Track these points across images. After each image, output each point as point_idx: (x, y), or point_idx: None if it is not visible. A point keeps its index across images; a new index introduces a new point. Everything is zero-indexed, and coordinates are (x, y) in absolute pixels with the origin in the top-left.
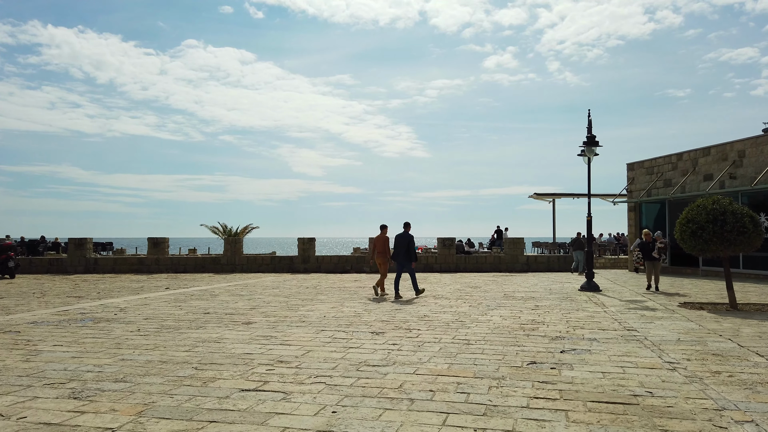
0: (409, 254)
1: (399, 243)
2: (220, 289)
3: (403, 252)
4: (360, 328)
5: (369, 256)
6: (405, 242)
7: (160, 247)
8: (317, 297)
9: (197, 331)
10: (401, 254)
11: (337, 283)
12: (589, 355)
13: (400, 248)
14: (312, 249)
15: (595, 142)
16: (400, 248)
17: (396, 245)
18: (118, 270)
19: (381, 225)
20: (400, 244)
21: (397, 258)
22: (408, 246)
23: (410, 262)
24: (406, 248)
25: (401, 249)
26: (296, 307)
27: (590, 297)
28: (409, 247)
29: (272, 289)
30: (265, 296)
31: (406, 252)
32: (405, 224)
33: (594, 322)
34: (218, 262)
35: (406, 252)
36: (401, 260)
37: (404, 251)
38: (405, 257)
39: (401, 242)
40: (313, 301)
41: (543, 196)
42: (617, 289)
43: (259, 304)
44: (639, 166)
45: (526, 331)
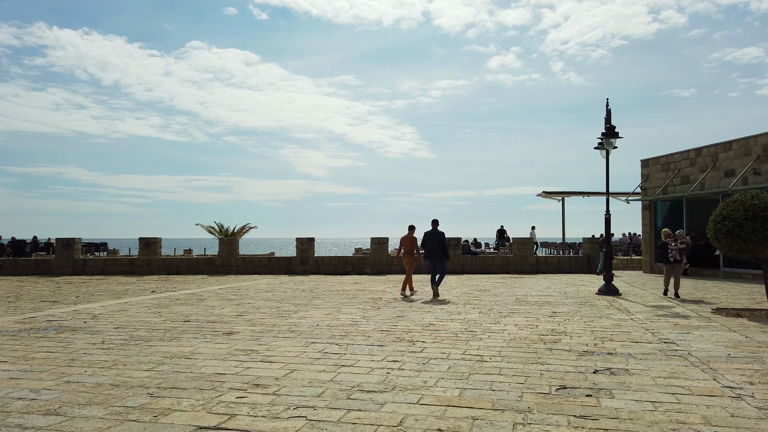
0: (443, 252)
1: (431, 241)
2: (210, 292)
3: (437, 250)
4: (356, 340)
5: (395, 255)
6: (438, 240)
7: (151, 247)
8: (312, 302)
9: (169, 344)
10: (434, 252)
11: (336, 286)
12: (629, 377)
13: (433, 246)
14: (311, 249)
15: (615, 133)
16: (433, 246)
17: (427, 244)
18: (107, 272)
19: (409, 225)
20: (432, 243)
21: (430, 257)
22: (442, 244)
23: (444, 261)
24: (439, 246)
25: (434, 247)
26: (288, 313)
27: (610, 302)
28: (443, 245)
29: (265, 293)
30: (255, 301)
31: (440, 250)
32: (433, 221)
33: (623, 333)
34: (213, 264)
35: (440, 250)
36: (435, 259)
37: (438, 249)
38: (439, 255)
39: (433, 240)
40: (308, 307)
41: (552, 195)
42: (638, 293)
43: (247, 310)
44: (654, 162)
45: (547, 343)
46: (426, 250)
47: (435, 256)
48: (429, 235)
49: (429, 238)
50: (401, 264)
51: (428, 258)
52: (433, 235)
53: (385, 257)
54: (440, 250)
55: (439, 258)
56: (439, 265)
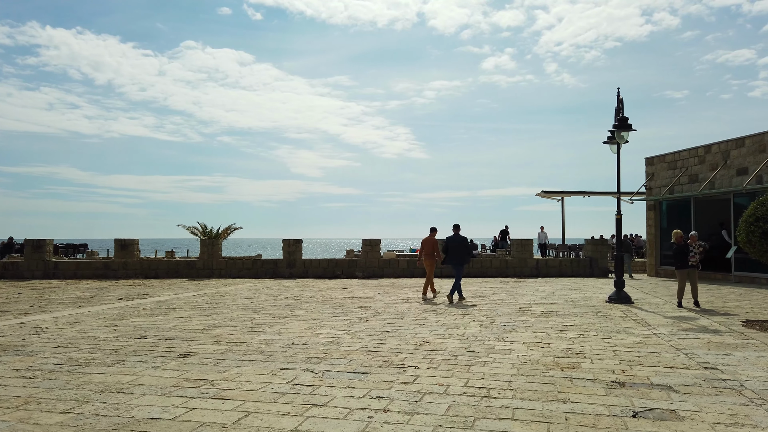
0: (465, 256)
1: (452, 245)
2: (182, 300)
3: (459, 255)
4: (335, 365)
5: (417, 257)
6: (461, 244)
7: (128, 249)
8: (293, 312)
9: (108, 371)
10: (456, 257)
11: (323, 292)
12: (680, 424)
13: (455, 251)
14: (298, 252)
15: (628, 125)
16: (455, 251)
17: (450, 249)
18: (80, 275)
19: (431, 227)
20: (454, 247)
21: (452, 261)
22: (465, 248)
23: (462, 266)
24: (463, 251)
25: (456, 252)
26: (262, 327)
27: (625, 311)
28: (467, 250)
29: (243, 301)
30: (230, 311)
31: (463, 255)
32: (455, 226)
33: (651, 354)
34: (193, 267)
35: (464, 255)
36: (456, 263)
37: (460, 253)
38: (461, 259)
39: (455, 244)
40: (286, 318)
41: (551, 194)
42: (652, 301)
43: (216, 323)
44: (660, 160)
45: (564, 369)
46: (449, 255)
47: (458, 260)
48: (450, 240)
49: (452, 243)
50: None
51: (450, 263)
52: (456, 240)
53: (377, 260)
54: (464, 255)
55: (459, 263)
56: (459, 270)
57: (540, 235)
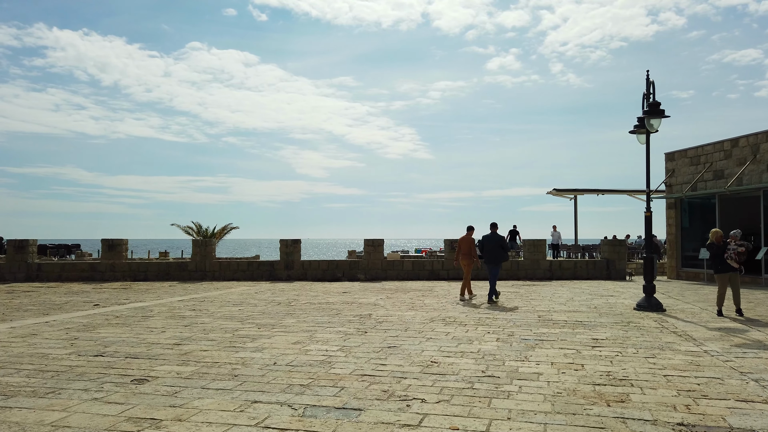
0: (501, 256)
1: (489, 245)
2: (164, 306)
3: (495, 254)
4: (322, 396)
5: (454, 257)
6: (497, 244)
7: (116, 250)
8: (283, 321)
9: (36, 403)
10: (493, 256)
11: (320, 296)
12: None
13: (492, 250)
14: (296, 253)
15: (660, 111)
16: (492, 250)
17: (486, 248)
18: (65, 278)
19: (468, 226)
20: (490, 246)
21: (488, 260)
22: (501, 248)
23: (498, 266)
24: (500, 250)
25: (493, 251)
26: (243, 341)
27: (659, 322)
28: (502, 248)
29: (231, 307)
30: (213, 320)
31: (500, 255)
32: (492, 225)
33: (713, 381)
34: (185, 269)
35: (500, 255)
36: (493, 263)
37: (496, 253)
38: (497, 259)
39: (492, 244)
40: (274, 329)
41: (563, 192)
42: (685, 308)
43: (192, 335)
44: (681, 155)
45: (611, 404)
46: (485, 254)
47: (494, 260)
48: (486, 239)
49: (486, 241)
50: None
51: (487, 262)
52: (492, 238)
53: (380, 261)
54: (500, 254)
55: (496, 263)
56: (494, 270)
57: (553, 235)
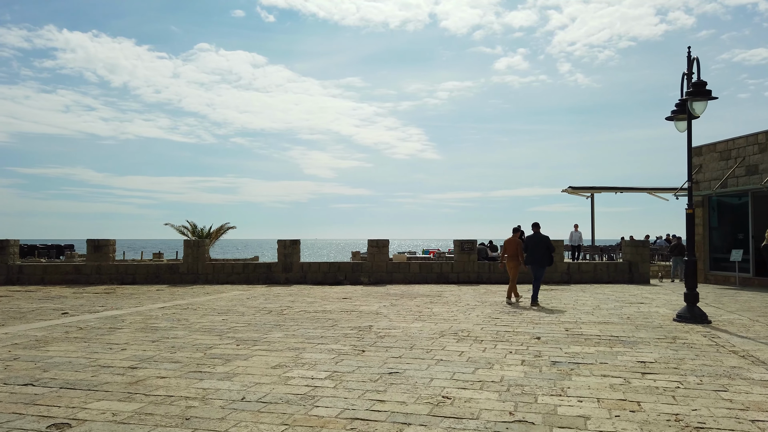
0: (546, 257)
1: (534, 246)
2: (140, 315)
3: (540, 255)
4: None
5: (499, 260)
6: (542, 244)
7: (102, 251)
8: (268, 335)
9: None
10: (537, 258)
11: (317, 303)
12: None
13: (536, 251)
14: (296, 254)
15: (706, 91)
16: (536, 251)
17: (530, 249)
18: (48, 281)
19: (513, 227)
20: (535, 247)
21: (532, 262)
22: (546, 248)
23: (544, 267)
24: (544, 251)
25: (537, 252)
26: (214, 363)
27: (709, 336)
28: (548, 249)
29: (215, 316)
30: (189, 332)
31: (544, 255)
32: (534, 225)
33: None
34: (176, 271)
35: (545, 256)
36: (537, 264)
37: (541, 254)
38: (541, 261)
39: (536, 245)
40: (256, 347)
41: (579, 190)
42: (731, 319)
43: (156, 355)
44: (709, 149)
45: None
46: (528, 255)
47: (538, 262)
48: (530, 240)
49: (533, 242)
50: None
51: (530, 264)
52: (536, 239)
53: (385, 263)
54: (545, 255)
55: (541, 264)
56: (539, 271)
57: (573, 235)
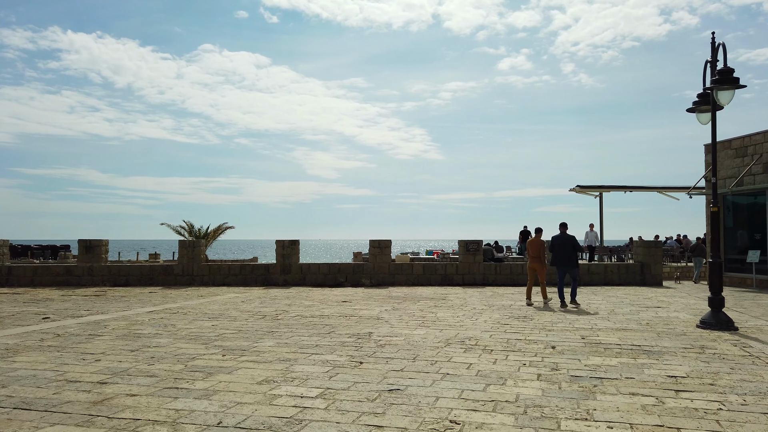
0: (574, 258)
1: (559, 246)
2: (125, 321)
3: (567, 255)
4: None
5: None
6: (569, 244)
7: (94, 252)
8: (259, 343)
9: None
10: (564, 258)
11: (315, 307)
12: None
13: (562, 251)
14: (294, 255)
15: (733, 79)
16: (562, 251)
17: (556, 249)
18: (37, 282)
19: (536, 228)
20: (561, 247)
21: (559, 263)
22: (573, 248)
23: (575, 267)
24: (571, 251)
25: (563, 252)
26: (193, 378)
27: (740, 345)
28: (575, 250)
29: (205, 321)
30: (173, 340)
31: (570, 255)
32: (562, 225)
33: None
34: (171, 273)
35: (571, 255)
36: (565, 266)
37: (568, 254)
38: (568, 261)
39: (562, 245)
40: (243, 357)
41: (588, 189)
42: (760, 325)
43: (132, 367)
44: (724, 146)
45: None
46: (555, 255)
47: (565, 262)
48: (556, 240)
49: (556, 242)
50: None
51: (557, 264)
52: (562, 239)
53: (387, 264)
54: (572, 255)
55: (569, 264)
56: (570, 272)
57: (588, 234)
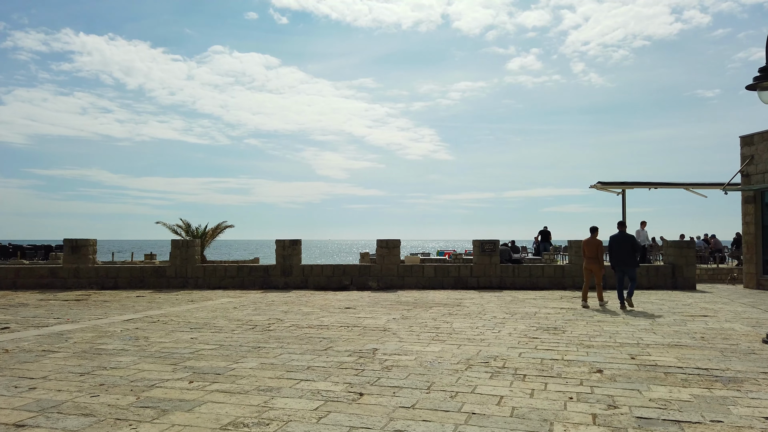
0: (633, 258)
1: (617, 246)
2: (93, 332)
3: (626, 255)
4: None
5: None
6: (627, 244)
7: (80, 252)
8: (238, 364)
9: None
10: (622, 258)
11: (314, 315)
12: None
13: (621, 252)
14: (296, 256)
15: None
16: (621, 252)
17: (614, 249)
18: (20, 285)
19: (591, 227)
20: (619, 247)
21: (617, 263)
22: (632, 248)
23: (634, 268)
24: (629, 251)
25: (622, 252)
26: (139, 419)
27: None
28: (633, 250)
29: (184, 333)
30: (139, 357)
31: (629, 255)
32: (619, 224)
33: None
34: (163, 275)
35: (630, 255)
36: (622, 265)
37: (626, 255)
38: (628, 262)
39: (621, 245)
40: (216, 383)
41: (609, 186)
42: None
43: (64, 401)
44: (762, 138)
45: None
46: (613, 256)
47: (624, 262)
48: (617, 240)
49: (617, 242)
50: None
51: (615, 265)
52: (622, 239)
53: (395, 266)
54: (631, 255)
55: (628, 264)
56: (629, 272)
57: (639, 234)
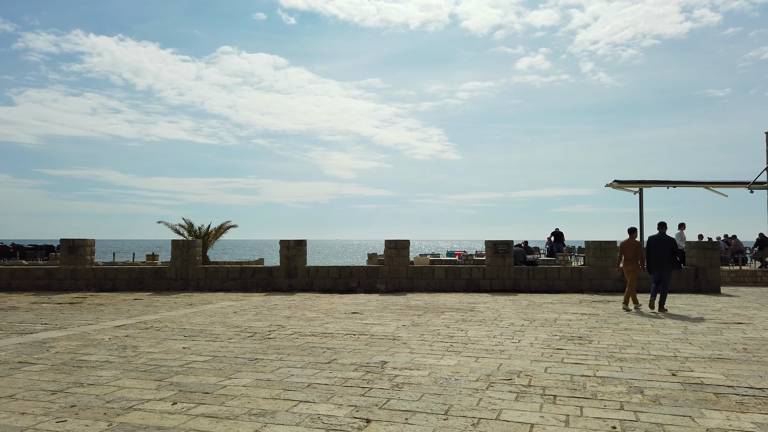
0: (673, 260)
1: (657, 247)
2: (79, 340)
3: (665, 258)
4: None
5: (616, 263)
6: (667, 246)
7: (77, 253)
8: (229, 381)
9: None
10: (662, 260)
11: (317, 321)
12: None
13: (661, 253)
14: (301, 257)
15: None
16: (661, 253)
17: (653, 251)
18: (15, 287)
19: (629, 228)
20: (659, 249)
21: (657, 266)
22: (672, 251)
23: (671, 271)
24: (669, 253)
25: (662, 254)
26: None
27: None
28: (673, 252)
29: (177, 342)
30: (122, 372)
31: (669, 258)
32: (660, 224)
33: None
34: (162, 276)
35: (670, 258)
36: (662, 269)
37: (665, 257)
38: (667, 264)
39: (660, 246)
40: (202, 405)
41: (626, 185)
42: None
43: (25, 429)
44: None
45: None
46: (651, 258)
47: (663, 265)
48: (653, 241)
49: (653, 243)
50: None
51: (653, 268)
52: (661, 240)
53: (405, 267)
54: (670, 258)
55: (666, 268)
56: (665, 276)
57: (678, 236)
